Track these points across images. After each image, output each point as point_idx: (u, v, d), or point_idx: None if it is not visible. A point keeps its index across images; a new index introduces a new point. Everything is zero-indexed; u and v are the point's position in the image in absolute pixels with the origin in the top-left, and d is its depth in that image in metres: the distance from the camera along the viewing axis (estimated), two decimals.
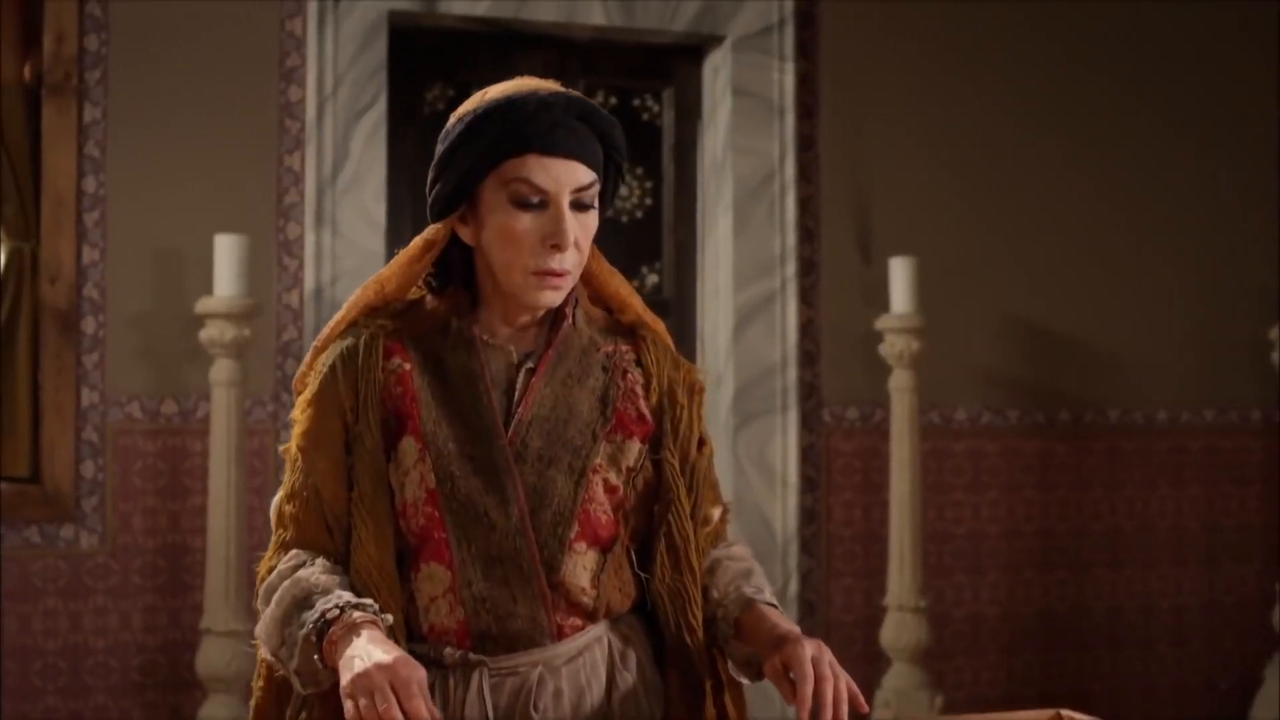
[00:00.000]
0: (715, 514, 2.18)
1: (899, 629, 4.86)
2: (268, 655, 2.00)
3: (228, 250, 4.34)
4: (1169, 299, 5.52)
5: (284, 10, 4.67)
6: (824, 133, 5.14)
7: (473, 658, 2.01)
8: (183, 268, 4.52)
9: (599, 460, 2.05)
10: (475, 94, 2.07)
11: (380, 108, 4.71)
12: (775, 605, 2.09)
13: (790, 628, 2.01)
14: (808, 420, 5.08)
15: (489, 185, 2.01)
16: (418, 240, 2.09)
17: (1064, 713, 2.07)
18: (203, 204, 4.54)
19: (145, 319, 4.52)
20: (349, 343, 2.07)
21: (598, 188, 2.04)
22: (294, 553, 2.03)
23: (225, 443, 4.29)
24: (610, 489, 2.06)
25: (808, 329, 5.09)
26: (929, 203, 5.23)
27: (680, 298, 5.16)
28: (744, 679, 2.11)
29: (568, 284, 2.04)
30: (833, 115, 5.15)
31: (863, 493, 5.15)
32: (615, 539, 2.06)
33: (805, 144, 5.11)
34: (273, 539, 2.07)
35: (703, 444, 2.15)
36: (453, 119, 2.06)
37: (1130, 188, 5.49)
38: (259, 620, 2.01)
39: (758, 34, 5.08)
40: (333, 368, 2.06)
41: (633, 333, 2.16)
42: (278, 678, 2.05)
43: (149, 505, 4.51)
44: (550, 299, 2.04)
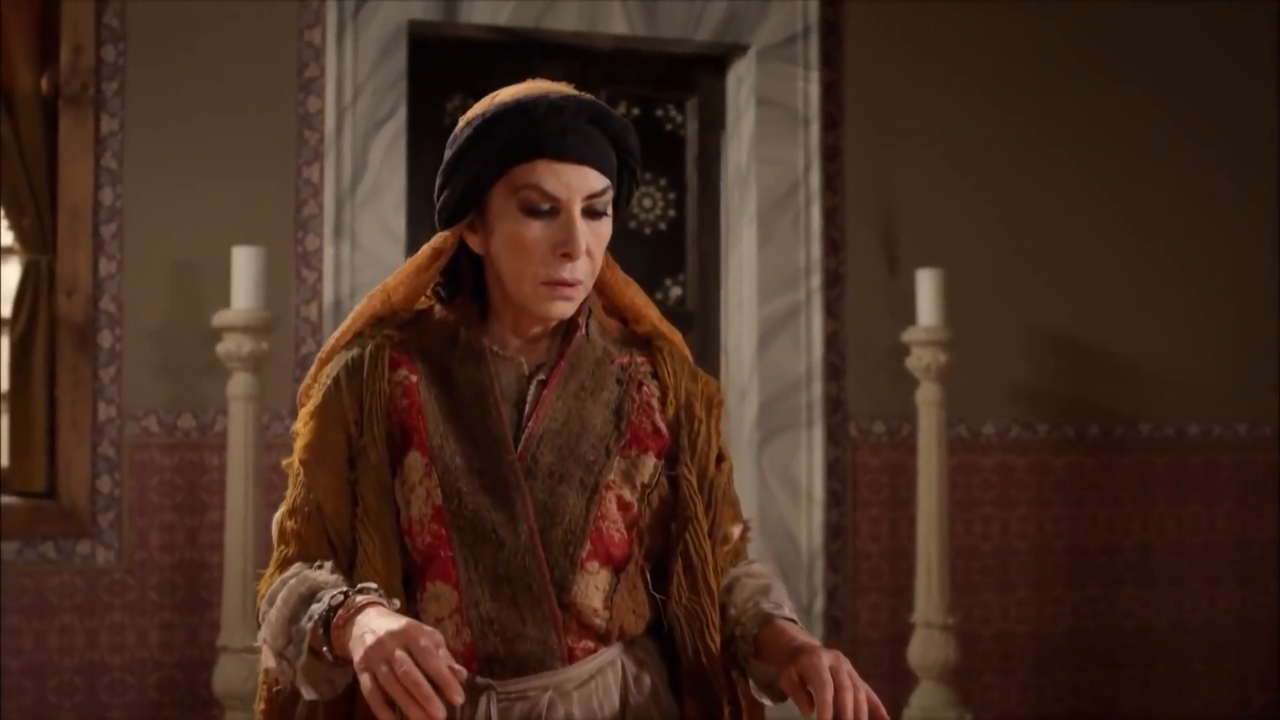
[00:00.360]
0: (735, 532, 2.11)
1: (927, 647, 4.80)
2: (272, 661, 1.92)
3: (245, 263, 4.30)
4: (1201, 311, 5.45)
5: (303, 20, 4.64)
6: (849, 143, 5.09)
7: (480, 681, 1.94)
8: (200, 280, 4.49)
9: (612, 476, 1.99)
10: (486, 97, 2.02)
11: (400, 118, 4.67)
12: (795, 620, 2.02)
13: (808, 639, 1.95)
14: (833, 434, 5.02)
15: (498, 192, 1.96)
16: (426, 248, 2.03)
17: None
18: (220, 216, 4.51)
19: (162, 332, 4.49)
20: (354, 354, 2.02)
21: (611, 194, 1.98)
22: (297, 566, 1.98)
23: (243, 457, 4.25)
24: (624, 506, 1.99)
25: (833, 342, 5.03)
26: (956, 213, 5.17)
27: (704, 310, 5.10)
28: (767, 700, 2.04)
29: (580, 294, 1.98)
30: (858, 125, 5.10)
31: (889, 508, 5.09)
32: (629, 558, 2.00)
33: (830, 154, 5.06)
34: (274, 555, 2.03)
35: (721, 459, 2.09)
36: (461, 122, 2.01)
37: (1161, 198, 5.43)
38: (262, 628, 1.95)
39: (782, 43, 5.03)
40: (337, 379, 2.01)
41: (649, 344, 2.09)
42: (277, 693, 2.00)
43: (166, 521, 4.47)
44: (562, 310, 1.98)
